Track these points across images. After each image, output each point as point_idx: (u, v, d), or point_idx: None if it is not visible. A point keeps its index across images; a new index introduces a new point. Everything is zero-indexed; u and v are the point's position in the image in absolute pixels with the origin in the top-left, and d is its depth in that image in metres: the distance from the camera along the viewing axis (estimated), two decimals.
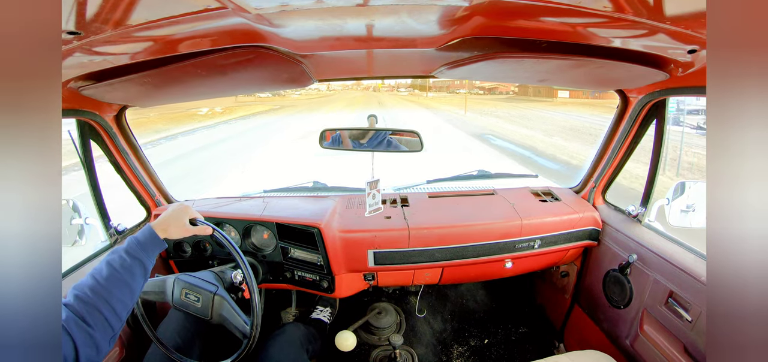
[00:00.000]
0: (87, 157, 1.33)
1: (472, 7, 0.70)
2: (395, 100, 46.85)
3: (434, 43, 0.97)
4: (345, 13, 0.74)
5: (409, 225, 1.48)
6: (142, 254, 0.91)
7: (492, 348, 2.01)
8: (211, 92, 1.42)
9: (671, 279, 1.23)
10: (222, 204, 1.64)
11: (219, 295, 1.14)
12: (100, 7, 0.58)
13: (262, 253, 1.58)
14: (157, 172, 1.64)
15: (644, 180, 1.44)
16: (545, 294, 2.10)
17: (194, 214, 1.06)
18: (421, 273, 1.59)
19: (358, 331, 1.96)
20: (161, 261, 1.63)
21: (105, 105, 1.31)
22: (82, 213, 1.28)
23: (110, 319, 0.78)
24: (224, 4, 0.62)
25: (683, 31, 0.75)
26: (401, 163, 2.42)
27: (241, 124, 20.11)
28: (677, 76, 1.09)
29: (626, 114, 1.46)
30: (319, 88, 33.50)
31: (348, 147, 1.66)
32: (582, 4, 0.66)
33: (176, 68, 0.92)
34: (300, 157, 2.58)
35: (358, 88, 62.68)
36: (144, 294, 1.16)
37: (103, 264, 0.85)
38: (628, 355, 1.42)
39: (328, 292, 1.58)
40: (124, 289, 0.84)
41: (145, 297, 1.17)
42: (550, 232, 1.55)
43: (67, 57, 0.77)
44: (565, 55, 0.94)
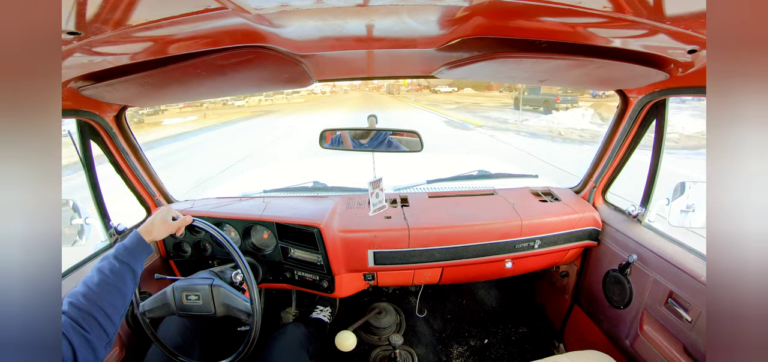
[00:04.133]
0: (87, 157, 1.33)
1: (472, 8, 0.70)
2: (378, 94, 50.21)
3: (434, 43, 0.97)
4: (345, 13, 0.74)
5: (409, 225, 1.48)
6: (131, 259, 0.94)
7: (492, 348, 2.01)
8: (211, 92, 1.42)
9: (671, 279, 1.23)
10: (222, 204, 1.64)
11: (215, 285, 1.15)
12: (100, 8, 0.58)
13: (262, 253, 1.58)
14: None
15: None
16: (545, 294, 2.10)
17: (175, 213, 1.12)
18: (421, 273, 1.59)
19: (358, 331, 1.96)
20: (162, 261, 1.63)
21: (105, 105, 1.31)
22: (82, 213, 1.28)
23: (104, 324, 0.81)
24: (224, 5, 0.62)
25: (683, 31, 0.75)
26: (397, 162, 2.41)
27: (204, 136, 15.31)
28: (677, 76, 1.09)
29: (626, 114, 1.46)
30: (300, 90, 33.45)
31: (348, 147, 1.66)
32: (582, 4, 0.66)
33: (176, 68, 0.92)
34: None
35: (349, 88, 62.31)
36: (150, 312, 1.18)
37: (94, 272, 0.88)
38: (628, 355, 1.42)
39: (328, 292, 1.58)
40: (116, 294, 0.87)
41: (151, 315, 1.18)
42: (550, 232, 1.55)
43: (67, 57, 0.77)
44: (565, 55, 0.94)
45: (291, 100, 43.18)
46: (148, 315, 1.18)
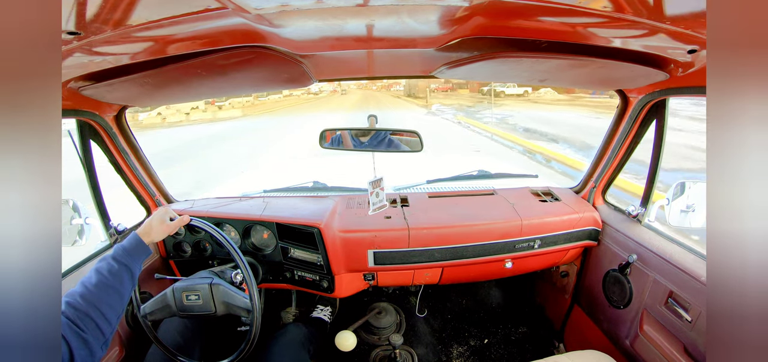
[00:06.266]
0: (87, 157, 1.33)
1: (472, 7, 0.70)
2: (368, 93, 50.25)
3: (434, 43, 0.97)
4: (345, 13, 0.74)
5: (409, 225, 1.48)
6: (129, 260, 0.95)
7: (492, 347, 2.01)
8: (211, 92, 1.42)
9: (671, 279, 1.23)
10: (222, 204, 1.64)
11: (214, 283, 1.16)
12: (100, 7, 0.58)
13: (262, 253, 1.58)
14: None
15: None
16: (545, 294, 2.10)
17: (173, 213, 1.13)
18: (421, 273, 1.59)
19: (358, 331, 1.96)
20: (162, 261, 1.63)
21: (105, 105, 1.31)
22: (82, 213, 1.28)
23: (101, 325, 0.81)
24: (224, 4, 0.62)
25: (683, 31, 0.75)
26: (397, 161, 2.41)
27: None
28: (677, 76, 1.09)
29: (626, 114, 1.46)
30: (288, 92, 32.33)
31: (349, 147, 1.66)
32: (582, 4, 0.66)
33: (176, 68, 0.92)
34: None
35: (356, 87, 62.61)
36: (151, 315, 1.18)
37: (92, 272, 0.88)
38: (628, 355, 1.42)
39: (328, 292, 1.58)
40: (114, 295, 0.87)
41: (152, 317, 1.18)
42: (550, 232, 1.55)
43: (67, 57, 0.77)
44: (565, 55, 0.94)
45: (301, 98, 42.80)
46: (150, 318, 1.18)
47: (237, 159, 9.45)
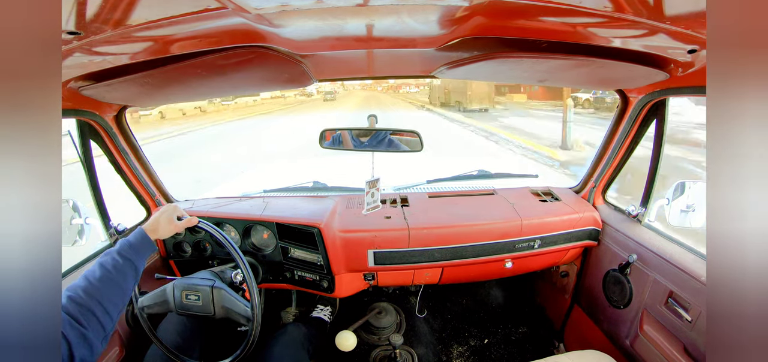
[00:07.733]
0: (87, 157, 1.33)
1: (472, 7, 0.70)
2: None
3: (434, 43, 0.97)
4: (345, 13, 0.74)
5: (409, 225, 1.48)
6: (134, 256, 0.93)
7: (492, 348, 2.01)
8: (211, 92, 1.42)
9: (671, 279, 1.23)
10: (222, 204, 1.64)
11: (216, 287, 1.15)
12: (100, 7, 0.58)
13: (262, 253, 1.58)
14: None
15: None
16: (545, 294, 2.10)
17: (181, 212, 1.11)
18: (421, 273, 1.59)
19: (358, 331, 1.96)
20: (162, 261, 1.63)
21: (105, 105, 1.31)
22: (82, 213, 1.28)
23: (102, 320, 0.80)
24: (224, 4, 0.62)
25: (683, 31, 0.75)
26: (397, 161, 2.41)
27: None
28: (677, 76, 1.09)
29: (626, 114, 1.46)
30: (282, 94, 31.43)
31: (349, 147, 1.66)
32: (582, 4, 0.66)
33: (176, 68, 0.92)
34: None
35: (360, 87, 62.68)
36: (148, 309, 1.17)
37: (96, 266, 0.87)
38: (628, 355, 1.42)
39: (328, 292, 1.58)
40: (116, 290, 0.86)
41: (149, 311, 1.17)
42: (550, 232, 1.55)
43: (67, 57, 0.77)
44: (565, 55, 0.94)
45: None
46: (147, 311, 1.17)
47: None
